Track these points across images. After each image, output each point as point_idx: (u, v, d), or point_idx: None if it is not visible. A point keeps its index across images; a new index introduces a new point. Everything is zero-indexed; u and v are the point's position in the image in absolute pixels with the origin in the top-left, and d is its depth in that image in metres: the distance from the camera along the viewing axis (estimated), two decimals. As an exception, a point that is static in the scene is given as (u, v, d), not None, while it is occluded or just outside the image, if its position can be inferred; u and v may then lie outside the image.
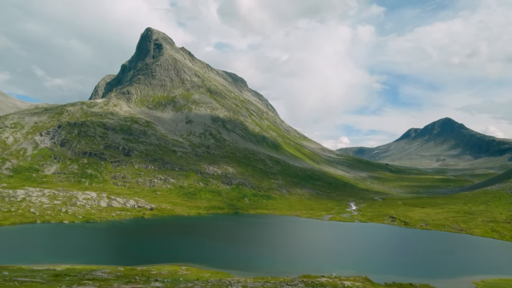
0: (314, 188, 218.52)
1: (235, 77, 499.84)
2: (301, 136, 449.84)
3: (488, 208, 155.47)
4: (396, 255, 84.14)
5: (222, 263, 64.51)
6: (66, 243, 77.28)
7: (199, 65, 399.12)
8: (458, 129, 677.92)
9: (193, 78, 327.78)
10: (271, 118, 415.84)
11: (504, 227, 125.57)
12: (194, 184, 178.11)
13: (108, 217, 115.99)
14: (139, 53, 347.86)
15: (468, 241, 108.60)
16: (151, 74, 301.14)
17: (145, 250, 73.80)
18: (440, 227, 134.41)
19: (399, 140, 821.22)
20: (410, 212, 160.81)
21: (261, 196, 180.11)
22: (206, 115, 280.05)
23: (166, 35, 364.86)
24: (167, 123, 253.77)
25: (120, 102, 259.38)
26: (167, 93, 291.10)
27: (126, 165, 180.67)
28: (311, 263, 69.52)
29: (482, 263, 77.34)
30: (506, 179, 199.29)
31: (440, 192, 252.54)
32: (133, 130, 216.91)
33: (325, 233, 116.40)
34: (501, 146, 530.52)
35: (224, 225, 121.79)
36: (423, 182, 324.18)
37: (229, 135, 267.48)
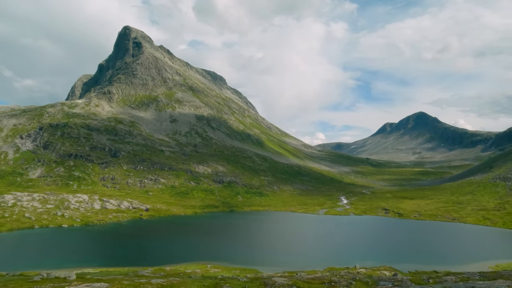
0: (303, 183, 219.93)
1: (214, 75, 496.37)
2: (283, 133, 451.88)
3: (475, 197, 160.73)
4: (407, 245, 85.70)
5: (244, 260, 63.85)
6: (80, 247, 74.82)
7: (178, 64, 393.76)
8: (432, 122, 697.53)
9: (174, 76, 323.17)
10: (252, 115, 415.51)
11: (495, 214, 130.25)
12: (185, 183, 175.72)
13: (106, 219, 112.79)
14: (117, 52, 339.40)
15: (466, 229, 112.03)
16: (131, 73, 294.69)
17: (160, 250, 72.06)
18: (433, 217, 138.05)
19: (375, 134, 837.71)
20: (401, 204, 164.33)
21: (254, 193, 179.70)
22: (191, 114, 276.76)
23: (144, 33, 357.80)
24: (151, 123, 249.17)
25: (101, 103, 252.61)
26: (149, 92, 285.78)
27: (114, 166, 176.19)
28: (330, 257, 69.87)
29: (491, 250, 79.98)
30: (487, 169, 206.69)
31: (423, 184, 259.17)
32: (118, 131, 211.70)
33: (328, 227, 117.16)
34: (473, 138, 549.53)
35: (228, 223, 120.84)
36: (404, 174, 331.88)
37: (215, 134, 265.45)
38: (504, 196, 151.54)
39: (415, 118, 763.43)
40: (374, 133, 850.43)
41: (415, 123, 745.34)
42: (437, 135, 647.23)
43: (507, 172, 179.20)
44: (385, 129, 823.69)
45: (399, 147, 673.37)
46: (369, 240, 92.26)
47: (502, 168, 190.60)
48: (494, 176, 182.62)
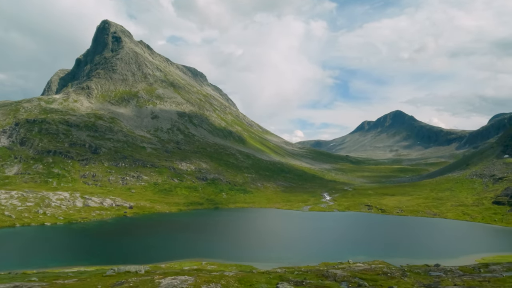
0: (286, 180, 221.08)
1: (194, 71, 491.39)
2: (264, 130, 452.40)
3: (454, 194, 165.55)
4: (395, 240, 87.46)
5: (238, 256, 63.60)
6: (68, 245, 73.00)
7: (158, 59, 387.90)
8: (408, 121, 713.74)
9: (155, 72, 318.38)
10: (234, 112, 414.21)
11: (474, 210, 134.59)
12: (168, 180, 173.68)
13: (90, 217, 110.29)
14: (96, 47, 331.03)
15: (448, 224, 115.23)
16: (111, 68, 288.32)
17: (151, 248, 70.96)
18: (415, 213, 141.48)
19: (353, 132, 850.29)
20: (383, 200, 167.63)
21: (238, 190, 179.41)
22: (172, 110, 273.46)
23: (124, 27, 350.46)
24: (132, 119, 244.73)
25: (80, 98, 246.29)
26: (129, 87, 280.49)
27: (95, 163, 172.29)
28: (322, 252, 70.56)
29: (475, 244, 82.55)
30: (464, 166, 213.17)
31: (402, 180, 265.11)
32: (98, 127, 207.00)
33: (315, 223, 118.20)
34: (448, 136, 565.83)
35: (215, 220, 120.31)
36: (382, 171, 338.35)
37: (197, 130, 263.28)
38: (481, 192, 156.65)
39: (392, 116, 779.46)
40: (353, 131, 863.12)
41: (392, 121, 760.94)
42: (413, 133, 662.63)
43: (483, 169, 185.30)
44: (363, 127, 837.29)
45: (377, 144, 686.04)
46: (358, 235, 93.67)
47: (478, 165, 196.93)
48: (471, 173, 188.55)
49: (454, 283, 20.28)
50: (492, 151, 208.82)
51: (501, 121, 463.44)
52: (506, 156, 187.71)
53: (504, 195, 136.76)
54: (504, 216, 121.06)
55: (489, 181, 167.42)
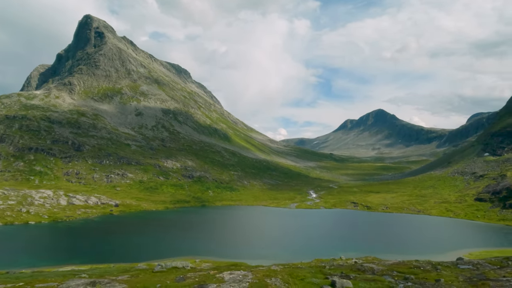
0: (272, 178, 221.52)
1: (178, 68, 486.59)
2: (248, 128, 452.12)
3: (437, 191, 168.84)
4: (383, 237, 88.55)
5: (230, 253, 63.32)
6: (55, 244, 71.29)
7: (142, 56, 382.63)
8: (390, 119, 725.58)
9: (139, 68, 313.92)
10: (218, 110, 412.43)
11: (457, 206, 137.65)
12: (154, 178, 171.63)
13: (75, 215, 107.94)
14: (78, 42, 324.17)
15: (433, 221, 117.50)
16: (94, 64, 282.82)
17: (142, 246, 69.85)
18: (400, 210, 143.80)
19: (336, 130, 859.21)
20: (368, 197, 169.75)
21: (224, 188, 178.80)
22: (156, 107, 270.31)
23: (106, 23, 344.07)
24: (115, 116, 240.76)
25: (62, 94, 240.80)
26: (113, 84, 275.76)
27: (79, 161, 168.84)
28: (313, 249, 70.85)
29: (462, 239, 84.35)
30: (446, 164, 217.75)
31: (385, 178, 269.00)
32: (81, 124, 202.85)
33: (303, 220, 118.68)
34: (429, 135, 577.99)
35: (204, 218, 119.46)
36: (366, 169, 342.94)
37: (182, 128, 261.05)
38: (463, 189, 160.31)
39: (375, 115, 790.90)
40: (336, 129, 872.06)
41: (375, 120, 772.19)
42: (395, 131, 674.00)
43: (465, 167, 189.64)
44: (346, 125, 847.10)
45: (360, 143, 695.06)
46: (347, 232, 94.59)
47: (459, 163, 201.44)
48: (453, 171, 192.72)
49: (501, 274, 20.47)
50: (472, 149, 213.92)
51: (480, 120, 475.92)
52: (486, 154, 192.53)
53: (485, 192, 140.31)
54: (486, 212, 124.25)
55: (470, 178, 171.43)
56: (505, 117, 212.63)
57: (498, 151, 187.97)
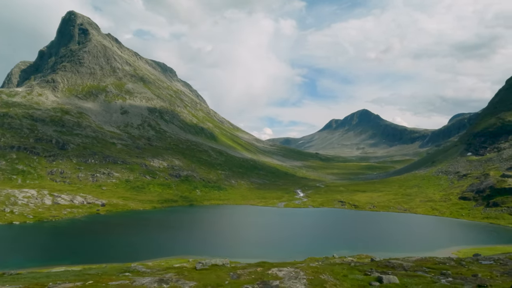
0: (259, 177, 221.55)
1: (164, 66, 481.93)
2: (234, 127, 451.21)
3: (421, 190, 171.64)
4: (373, 235, 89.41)
5: (223, 253, 62.77)
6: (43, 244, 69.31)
7: (127, 53, 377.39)
8: (374, 120, 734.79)
9: (124, 66, 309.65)
10: (204, 109, 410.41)
11: (442, 205, 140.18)
12: (140, 177, 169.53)
13: (60, 215, 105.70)
14: (61, 38, 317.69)
15: (420, 219, 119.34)
16: (78, 61, 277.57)
17: (133, 246, 68.76)
18: (386, 208, 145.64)
19: (322, 130, 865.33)
20: (355, 196, 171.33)
21: (212, 187, 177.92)
22: (142, 106, 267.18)
23: (91, 19, 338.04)
24: (100, 114, 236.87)
25: (45, 91, 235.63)
26: (97, 82, 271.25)
27: (63, 160, 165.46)
28: (306, 247, 71.04)
29: (450, 238, 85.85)
30: (430, 163, 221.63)
31: (370, 177, 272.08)
32: (65, 122, 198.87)
33: (293, 219, 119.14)
34: (412, 135, 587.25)
35: (193, 217, 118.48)
36: (351, 169, 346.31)
37: (168, 127, 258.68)
38: (448, 188, 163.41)
39: (359, 115, 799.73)
40: (321, 129, 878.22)
41: (359, 120, 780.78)
42: (379, 131, 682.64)
43: (448, 167, 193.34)
44: (331, 125, 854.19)
45: (344, 142, 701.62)
46: (337, 231, 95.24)
47: (443, 162, 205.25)
48: (437, 170, 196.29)
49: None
50: (456, 149, 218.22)
51: (462, 121, 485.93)
52: (469, 154, 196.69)
53: (469, 191, 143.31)
54: (471, 211, 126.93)
55: (454, 177, 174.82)
56: (487, 118, 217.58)
57: (480, 151, 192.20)
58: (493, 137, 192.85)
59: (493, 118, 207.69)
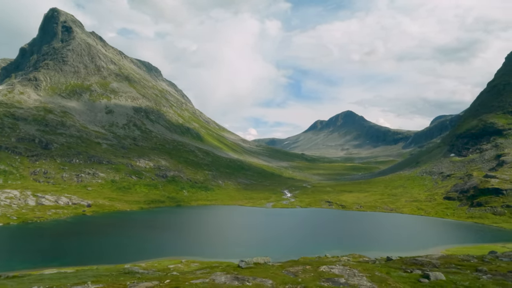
0: (246, 178, 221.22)
1: (149, 66, 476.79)
2: (220, 128, 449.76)
3: (407, 190, 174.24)
4: (363, 234, 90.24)
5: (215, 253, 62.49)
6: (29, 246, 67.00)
7: (112, 52, 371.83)
8: (358, 121, 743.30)
9: (109, 65, 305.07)
10: (190, 109, 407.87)
11: (427, 205, 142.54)
12: (126, 178, 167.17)
13: (45, 216, 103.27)
14: (43, 36, 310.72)
15: (407, 219, 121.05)
16: (61, 59, 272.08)
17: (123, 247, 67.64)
18: (373, 208, 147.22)
19: (307, 131, 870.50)
20: (341, 196, 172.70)
21: (199, 188, 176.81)
22: (128, 105, 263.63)
23: (75, 17, 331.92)
24: (84, 113, 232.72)
25: (27, 90, 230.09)
26: (81, 80, 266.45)
27: (47, 160, 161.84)
28: (298, 247, 71.09)
29: (438, 237, 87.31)
30: (414, 164, 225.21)
31: (355, 177, 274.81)
32: (48, 121, 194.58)
33: (282, 220, 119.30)
34: (395, 136, 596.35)
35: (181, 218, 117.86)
36: (337, 169, 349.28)
37: (154, 126, 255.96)
38: (432, 188, 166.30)
39: (344, 116, 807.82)
40: (306, 130, 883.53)
41: (344, 121, 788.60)
42: (363, 132, 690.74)
43: (432, 167, 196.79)
44: (316, 126, 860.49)
45: (329, 143, 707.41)
46: (326, 230, 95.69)
47: (427, 163, 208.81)
48: (421, 171, 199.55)
49: None
50: (439, 150, 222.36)
51: (443, 122, 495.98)
52: (452, 155, 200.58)
53: (454, 191, 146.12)
54: (455, 210, 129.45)
55: (438, 178, 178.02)
56: (469, 120, 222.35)
57: (463, 152, 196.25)
58: (475, 138, 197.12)
59: (475, 120, 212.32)
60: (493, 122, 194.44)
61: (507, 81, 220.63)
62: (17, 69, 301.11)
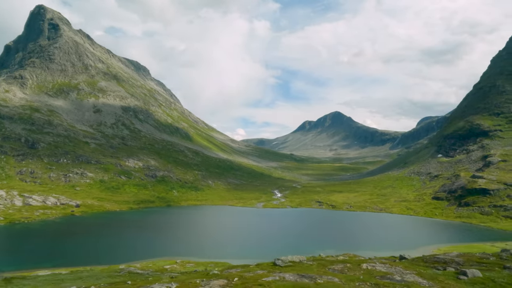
0: (236, 178, 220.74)
1: (137, 65, 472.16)
2: (209, 128, 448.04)
3: (395, 190, 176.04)
4: (354, 234, 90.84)
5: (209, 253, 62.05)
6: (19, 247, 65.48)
7: (100, 50, 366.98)
8: (347, 122, 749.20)
9: (97, 64, 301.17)
10: (179, 109, 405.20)
11: (416, 205, 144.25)
12: (115, 177, 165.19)
13: (33, 216, 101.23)
14: (29, 33, 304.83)
15: (397, 219, 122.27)
16: (48, 57, 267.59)
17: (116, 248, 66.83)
18: (363, 208, 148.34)
19: (295, 131, 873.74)
20: (331, 196, 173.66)
21: (189, 188, 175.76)
22: (116, 104, 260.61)
23: (61, 15, 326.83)
24: (72, 112, 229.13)
25: (12, 88, 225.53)
26: (69, 79, 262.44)
27: (33, 159, 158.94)
28: (291, 247, 70.89)
29: (428, 236, 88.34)
30: (402, 164, 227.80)
31: (344, 178, 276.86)
32: (35, 120, 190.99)
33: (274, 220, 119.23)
34: (382, 137, 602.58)
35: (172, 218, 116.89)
36: (325, 169, 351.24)
37: (143, 126, 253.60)
38: (420, 188, 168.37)
39: (332, 117, 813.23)
40: (295, 130, 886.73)
41: (332, 122, 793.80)
42: (351, 133, 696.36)
43: (420, 168, 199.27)
44: (305, 126, 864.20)
45: (317, 144, 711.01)
46: (318, 230, 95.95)
47: (415, 164, 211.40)
48: (409, 171, 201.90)
49: None
50: (427, 151, 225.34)
51: (430, 123, 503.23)
52: (440, 156, 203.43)
53: (442, 191, 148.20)
54: (444, 210, 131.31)
55: (426, 178, 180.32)
56: (456, 121, 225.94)
57: (450, 152, 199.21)
58: (462, 139, 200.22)
59: (462, 121, 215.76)
60: (480, 124, 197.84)
61: (492, 84, 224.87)
62: (2, 66, 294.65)
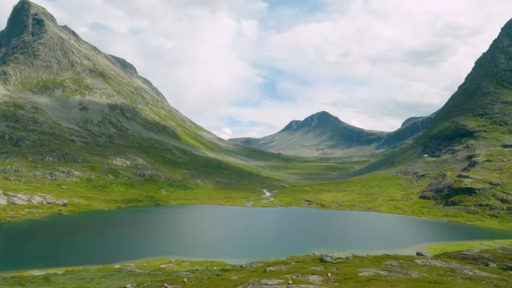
0: (224, 177, 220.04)
1: (123, 62, 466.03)
2: (197, 126, 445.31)
3: (383, 189, 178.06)
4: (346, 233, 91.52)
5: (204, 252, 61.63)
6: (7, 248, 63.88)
7: (85, 47, 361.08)
8: (333, 121, 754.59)
9: (83, 60, 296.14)
10: (166, 107, 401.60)
11: (404, 204, 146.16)
12: (102, 176, 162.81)
13: (19, 215, 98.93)
14: (13, 28, 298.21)
15: (386, 217, 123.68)
16: (32, 53, 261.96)
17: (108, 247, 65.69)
18: (351, 207, 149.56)
19: (282, 131, 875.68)
20: (320, 195, 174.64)
21: (178, 187, 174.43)
22: (103, 102, 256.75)
23: (46, 10, 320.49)
24: (57, 110, 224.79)
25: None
26: (54, 76, 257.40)
27: (17, 157, 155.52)
28: (285, 246, 71.11)
29: (418, 235, 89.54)
30: (389, 164, 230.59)
31: (332, 177, 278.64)
32: (19, 117, 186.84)
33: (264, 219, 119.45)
34: (368, 137, 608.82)
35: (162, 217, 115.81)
36: (313, 169, 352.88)
37: (130, 124, 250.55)
38: (407, 187, 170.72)
39: (319, 116, 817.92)
40: (282, 130, 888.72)
41: (319, 121, 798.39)
42: (337, 133, 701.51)
43: (407, 167, 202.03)
44: (292, 126, 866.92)
45: (304, 143, 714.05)
46: (311, 229, 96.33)
47: (402, 163, 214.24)
48: (396, 171, 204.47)
49: None
50: (413, 151, 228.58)
51: (415, 124, 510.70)
52: (426, 156, 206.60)
53: (429, 191, 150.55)
54: (431, 209, 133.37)
55: (413, 178, 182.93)
56: (442, 122, 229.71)
57: (436, 152, 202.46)
58: (448, 139, 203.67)
59: (447, 122, 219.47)
60: (464, 124, 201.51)
61: (477, 85, 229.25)
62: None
